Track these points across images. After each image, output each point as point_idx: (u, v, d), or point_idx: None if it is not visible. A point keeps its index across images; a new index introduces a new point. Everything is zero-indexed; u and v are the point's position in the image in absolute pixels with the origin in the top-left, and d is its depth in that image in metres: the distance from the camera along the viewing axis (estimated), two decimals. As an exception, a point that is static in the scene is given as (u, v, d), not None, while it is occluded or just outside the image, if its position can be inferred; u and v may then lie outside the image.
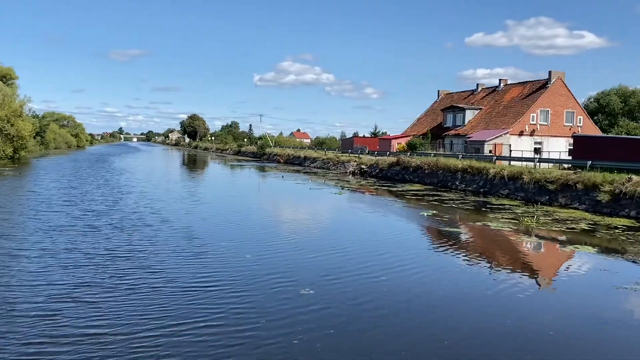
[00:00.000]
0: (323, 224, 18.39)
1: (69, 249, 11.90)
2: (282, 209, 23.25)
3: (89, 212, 17.64)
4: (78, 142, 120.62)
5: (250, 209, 21.91)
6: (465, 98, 58.63)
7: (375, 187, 33.48)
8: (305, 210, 22.18)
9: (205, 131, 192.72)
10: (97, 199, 21.68)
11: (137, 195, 23.32)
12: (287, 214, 21.48)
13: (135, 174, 38.60)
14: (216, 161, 73.29)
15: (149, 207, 19.52)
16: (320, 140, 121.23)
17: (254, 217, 19.16)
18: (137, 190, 25.53)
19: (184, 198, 23.30)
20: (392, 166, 43.18)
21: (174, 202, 21.71)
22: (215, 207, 21.65)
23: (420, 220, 19.24)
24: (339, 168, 52.76)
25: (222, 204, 22.77)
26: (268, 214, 20.82)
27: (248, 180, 41.77)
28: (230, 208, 21.51)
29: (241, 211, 20.68)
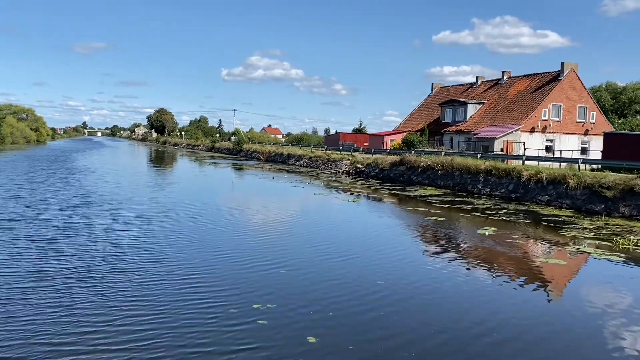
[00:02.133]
0: (369, 254, 13.51)
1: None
2: (305, 231, 17.95)
3: (36, 240, 12.36)
4: (38, 136, 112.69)
5: (261, 228, 16.84)
6: (463, 92, 54.52)
7: (385, 191, 28.73)
8: (332, 233, 17.18)
9: (173, 126, 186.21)
10: (53, 214, 16.30)
11: (106, 210, 17.99)
12: (315, 240, 16.43)
13: (101, 175, 32.94)
14: (191, 159, 67.62)
15: (123, 230, 14.30)
16: (298, 136, 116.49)
17: (277, 247, 14.11)
18: (104, 201, 20.12)
19: (168, 213, 18.06)
20: (394, 166, 38.64)
21: (156, 220, 16.49)
22: (215, 228, 16.42)
23: (488, 242, 14.53)
24: (330, 167, 47.98)
25: (223, 224, 17.45)
26: (291, 238, 15.71)
27: (239, 182, 36.50)
28: (238, 231, 16.27)
29: (253, 235, 15.59)
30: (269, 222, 17.72)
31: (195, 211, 18.90)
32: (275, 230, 15.93)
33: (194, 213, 18.31)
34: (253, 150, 75.12)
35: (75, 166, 39.63)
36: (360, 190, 29.31)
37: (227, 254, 11.94)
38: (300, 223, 17.87)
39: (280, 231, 15.78)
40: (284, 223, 17.56)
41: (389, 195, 27.47)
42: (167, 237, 13.43)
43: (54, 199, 19.54)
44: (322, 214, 20.73)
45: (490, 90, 50.52)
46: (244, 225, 16.85)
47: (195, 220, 16.78)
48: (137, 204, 19.72)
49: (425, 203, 24.04)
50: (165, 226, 15.10)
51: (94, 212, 16.85)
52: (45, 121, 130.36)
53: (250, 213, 20.14)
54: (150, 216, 16.72)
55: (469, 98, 51.33)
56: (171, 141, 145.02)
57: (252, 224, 17.24)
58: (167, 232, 14.11)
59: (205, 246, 12.68)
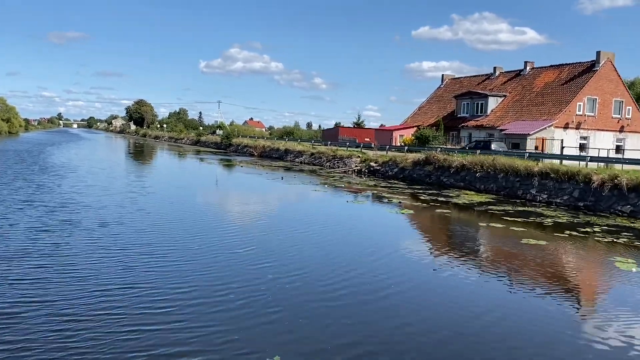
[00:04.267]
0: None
1: None
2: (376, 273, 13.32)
3: None
4: (10, 127, 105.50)
5: (316, 260, 12.03)
6: (479, 84, 50.15)
7: (424, 197, 23.98)
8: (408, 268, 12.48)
9: (153, 118, 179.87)
10: (17, 245, 11.26)
11: (95, 235, 12.98)
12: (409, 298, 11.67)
13: (82, 175, 27.65)
14: (178, 154, 62.24)
15: (125, 273, 9.38)
16: (287, 130, 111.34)
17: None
18: (90, 218, 15.03)
19: (182, 244, 13.11)
20: (418, 165, 34.11)
21: (173, 258, 11.57)
22: (262, 266, 11.62)
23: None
24: (337, 165, 43.22)
25: (255, 256, 12.65)
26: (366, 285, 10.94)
27: (248, 185, 31.47)
28: (281, 270, 11.50)
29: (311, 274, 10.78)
30: (327, 256, 12.89)
31: (219, 241, 13.90)
32: (347, 273, 11.12)
33: (219, 245, 13.31)
34: (244, 145, 69.87)
35: (50, 163, 34.15)
36: (394, 195, 24.59)
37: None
38: (364, 254, 13.08)
39: (349, 271, 10.97)
40: (344, 256, 12.76)
41: (432, 201, 22.78)
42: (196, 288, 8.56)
43: (20, 216, 14.41)
44: (382, 238, 15.94)
45: (512, 82, 46.23)
46: (293, 256, 12.01)
47: (225, 258, 11.87)
48: (136, 222, 14.69)
49: (487, 215, 19.49)
50: (188, 269, 10.21)
51: (78, 240, 11.83)
52: (19, 111, 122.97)
53: (289, 235, 15.25)
54: (161, 248, 11.78)
55: (487, 90, 46.98)
56: (152, 134, 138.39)
57: (303, 256, 12.39)
58: (193, 283, 9.23)
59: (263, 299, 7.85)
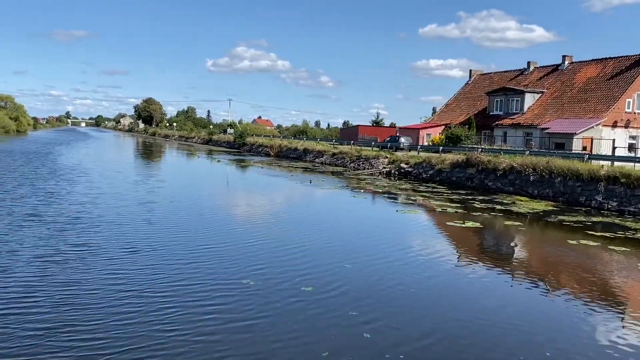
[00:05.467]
0: None
1: None
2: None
3: None
4: (18, 126, 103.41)
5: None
6: (512, 79, 47.22)
7: (476, 204, 21.15)
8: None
9: (161, 117, 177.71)
10: (21, 276, 8.67)
11: (119, 265, 10.36)
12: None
13: (94, 180, 25.11)
14: (192, 154, 59.81)
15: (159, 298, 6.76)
16: (300, 128, 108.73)
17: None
18: (112, 238, 12.43)
19: (221, 271, 10.48)
20: (457, 167, 31.36)
21: (217, 289, 8.93)
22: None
23: None
24: (363, 166, 40.53)
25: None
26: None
27: (279, 188, 28.73)
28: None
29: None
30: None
31: (279, 271, 11.24)
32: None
33: (281, 275, 10.66)
34: (259, 145, 67.36)
35: (59, 165, 31.66)
36: (443, 203, 21.82)
37: None
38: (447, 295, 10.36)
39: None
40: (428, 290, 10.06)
41: (489, 210, 19.99)
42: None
43: (23, 238, 11.82)
44: (471, 265, 13.20)
45: (549, 77, 43.30)
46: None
47: (292, 295, 9.20)
48: (170, 245, 12.06)
49: (565, 229, 16.72)
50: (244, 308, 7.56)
51: (98, 276, 9.22)
52: (27, 110, 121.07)
53: (354, 256, 12.52)
54: (214, 290, 9.14)
55: (521, 86, 44.07)
56: (161, 133, 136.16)
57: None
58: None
59: None
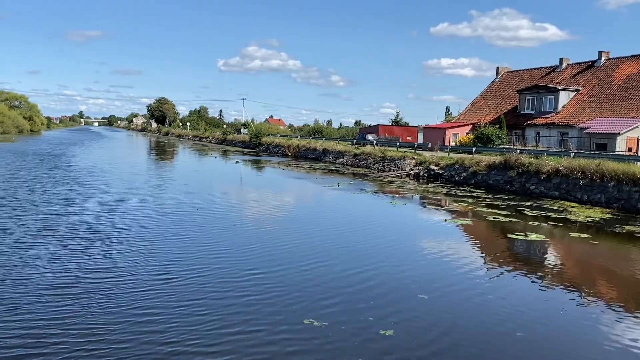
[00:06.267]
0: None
1: None
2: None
3: None
4: (32, 126, 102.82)
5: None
6: (543, 77, 45.05)
7: (526, 213, 19.17)
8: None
9: (174, 116, 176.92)
10: (34, 324, 6.95)
11: (149, 291, 8.60)
12: None
13: (113, 186, 23.46)
14: (209, 155, 58.26)
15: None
16: (315, 128, 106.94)
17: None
18: (139, 258, 10.68)
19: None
20: (494, 169, 29.41)
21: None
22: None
23: None
24: (388, 167, 38.62)
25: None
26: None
27: (306, 192, 26.93)
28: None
29: None
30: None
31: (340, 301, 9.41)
32: None
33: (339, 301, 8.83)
34: (276, 144, 65.64)
35: (73, 167, 30.13)
36: (490, 210, 19.90)
37: None
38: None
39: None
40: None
41: (543, 218, 18.00)
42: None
43: (34, 260, 10.12)
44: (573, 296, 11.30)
45: (584, 74, 41.09)
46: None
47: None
48: (211, 270, 10.31)
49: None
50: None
51: (122, 309, 7.49)
52: (40, 110, 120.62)
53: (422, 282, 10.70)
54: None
55: (553, 83, 41.93)
56: (175, 132, 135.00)
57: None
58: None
59: None
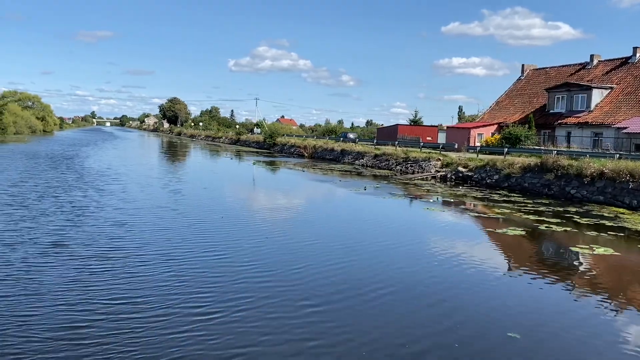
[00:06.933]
0: None
1: None
2: None
3: None
4: (45, 126, 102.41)
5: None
6: (572, 74, 43.17)
7: (575, 220, 17.50)
8: None
9: (186, 116, 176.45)
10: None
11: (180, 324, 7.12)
12: None
13: (131, 190, 22.09)
14: (224, 155, 57.00)
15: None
16: (329, 128, 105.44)
17: None
18: (164, 281, 9.23)
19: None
20: (529, 171, 27.74)
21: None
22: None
23: None
24: (412, 169, 37.01)
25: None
26: None
27: (333, 197, 25.42)
28: None
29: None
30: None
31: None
32: None
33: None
34: (291, 145, 64.26)
35: (87, 169, 28.88)
36: (537, 218, 18.24)
37: None
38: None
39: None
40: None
41: (595, 227, 16.28)
42: None
43: (46, 281, 8.70)
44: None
45: (618, 71, 39.22)
46: None
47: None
48: (241, 296, 8.84)
49: None
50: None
51: (150, 347, 6.04)
52: (53, 110, 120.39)
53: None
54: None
55: (584, 81, 40.09)
56: (187, 132, 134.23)
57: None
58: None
59: None
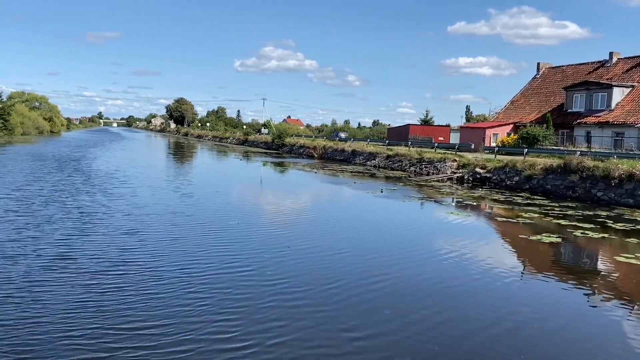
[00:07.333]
0: None
1: None
2: None
3: None
4: (52, 127, 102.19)
5: None
6: (590, 72, 42.08)
7: (609, 225, 16.48)
8: None
9: (193, 116, 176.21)
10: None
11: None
12: None
13: (142, 195, 21.27)
14: (233, 156, 56.24)
15: None
16: (337, 128, 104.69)
17: None
18: (184, 303, 8.35)
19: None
20: (551, 173, 26.74)
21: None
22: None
23: None
24: (427, 170, 36.08)
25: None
26: None
27: (354, 201, 24.53)
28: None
29: None
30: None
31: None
32: None
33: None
34: (300, 145, 63.48)
35: (94, 171, 28.12)
36: (568, 223, 17.25)
37: None
38: None
39: None
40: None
41: (633, 233, 15.35)
42: None
43: (50, 303, 7.84)
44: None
45: (638, 69, 38.13)
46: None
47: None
48: (273, 320, 7.94)
49: None
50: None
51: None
52: (60, 110, 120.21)
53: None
54: None
55: (604, 79, 38.99)
56: (194, 133, 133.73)
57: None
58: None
59: None
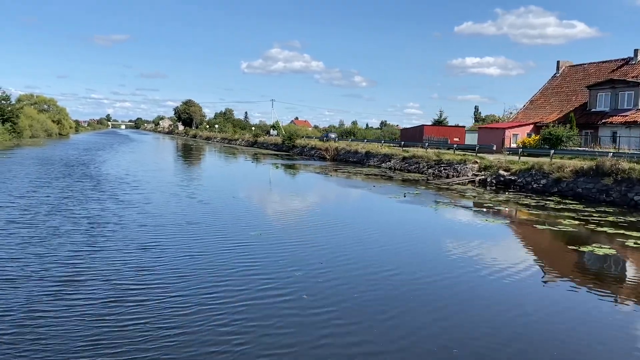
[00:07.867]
0: None
1: None
2: None
3: None
4: (60, 129, 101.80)
5: None
6: (614, 70, 40.59)
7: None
8: None
9: (201, 118, 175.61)
10: None
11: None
12: None
13: (153, 199, 20.16)
14: (246, 159, 55.20)
15: None
16: (347, 129, 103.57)
17: None
18: (208, 330, 7.16)
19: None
20: (583, 175, 25.37)
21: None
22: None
23: None
24: (446, 172, 34.77)
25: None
26: None
27: (380, 208, 23.34)
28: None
29: None
30: None
31: None
32: None
33: None
34: (311, 147, 62.24)
35: (104, 176, 27.05)
36: (615, 231, 15.91)
37: None
38: None
39: None
40: None
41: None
42: None
43: (53, 351, 6.68)
44: None
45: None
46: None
47: None
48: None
49: None
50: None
51: None
52: (69, 113, 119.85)
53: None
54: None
55: (630, 77, 37.51)
56: (203, 135, 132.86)
57: None
58: None
59: None
